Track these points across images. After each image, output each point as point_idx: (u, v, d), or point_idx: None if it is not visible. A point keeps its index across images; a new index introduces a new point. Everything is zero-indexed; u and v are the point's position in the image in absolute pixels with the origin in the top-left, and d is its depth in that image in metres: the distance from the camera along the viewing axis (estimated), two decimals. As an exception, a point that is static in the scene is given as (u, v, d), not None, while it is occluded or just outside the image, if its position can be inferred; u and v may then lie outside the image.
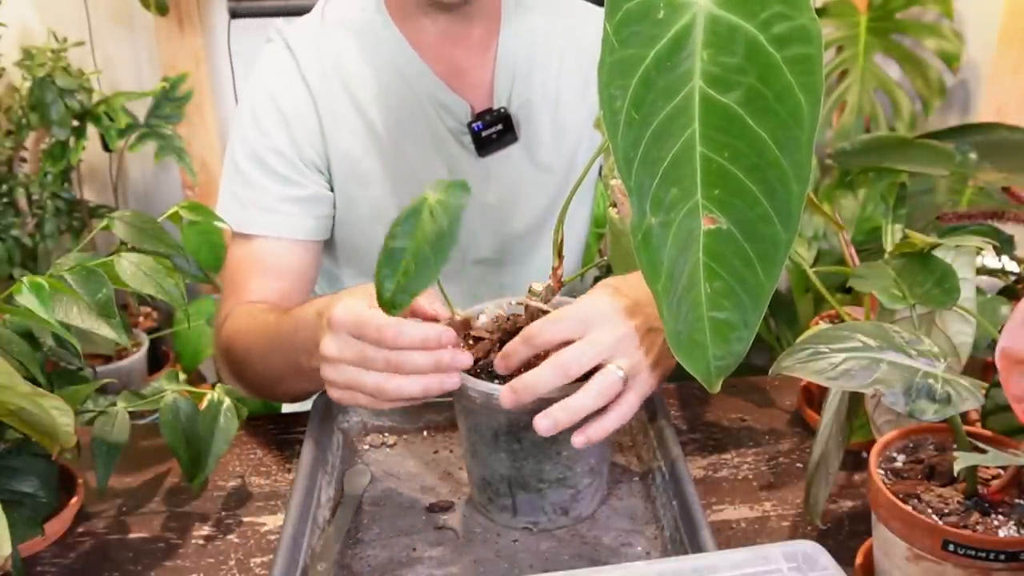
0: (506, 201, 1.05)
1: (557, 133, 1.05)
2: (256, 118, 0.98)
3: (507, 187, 1.04)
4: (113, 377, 1.88)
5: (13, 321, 0.73)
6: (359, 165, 1.00)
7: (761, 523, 0.78)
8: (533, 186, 1.06)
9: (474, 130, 1.00)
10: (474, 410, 0.73)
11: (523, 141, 1.04)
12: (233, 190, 0.99)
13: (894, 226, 0.87)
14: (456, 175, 1.01)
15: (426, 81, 0.99)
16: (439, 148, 1.01)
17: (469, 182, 1.02)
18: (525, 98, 1.03)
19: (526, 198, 1.06)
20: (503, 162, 1.03)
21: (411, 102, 1.00)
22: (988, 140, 0.99)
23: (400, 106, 0.99)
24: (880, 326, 0.64)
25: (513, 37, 1.03)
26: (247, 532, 0.78)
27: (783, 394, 0.97)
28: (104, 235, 1.59)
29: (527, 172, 1.05)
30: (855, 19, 2.13)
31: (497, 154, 1.03)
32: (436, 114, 1.00)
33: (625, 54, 0.50)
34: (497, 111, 1.01)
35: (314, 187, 0.98)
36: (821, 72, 0.48)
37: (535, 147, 1.05)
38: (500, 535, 0.76)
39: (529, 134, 1.04)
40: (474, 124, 1.00)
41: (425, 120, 1.00)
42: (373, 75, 0.99)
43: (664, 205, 0.51)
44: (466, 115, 1.00)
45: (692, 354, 0.54)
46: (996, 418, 0.69)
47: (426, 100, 1.00)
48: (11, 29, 1.96)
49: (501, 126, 1.01)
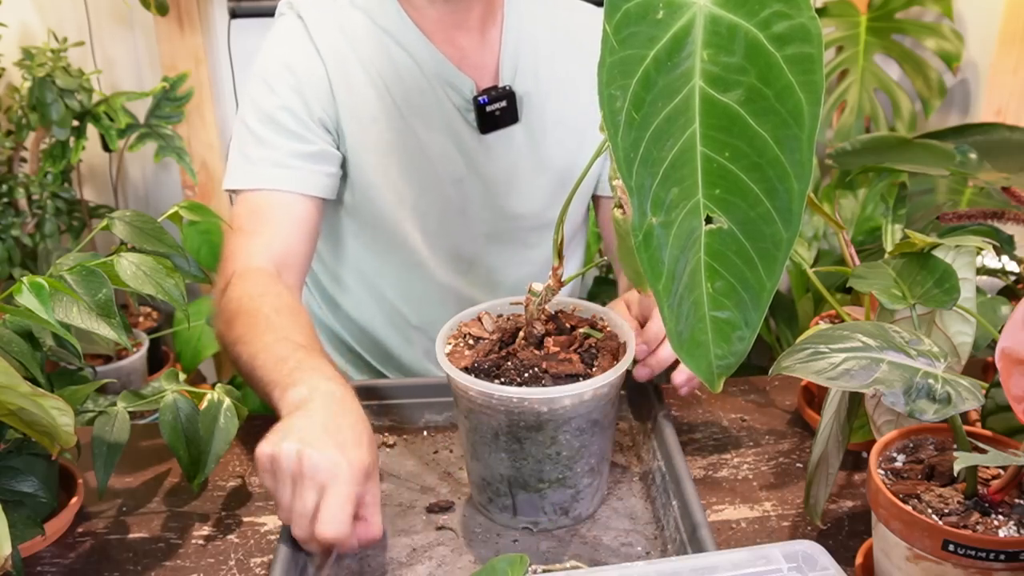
0: (505, 180, 1.08)
1: (557, 122, 1.08)
2: (268, 82, 1.00)
3: (507, 166, 1.07)
4: (113, 377, 1.88)
5: (13, 321, 0.73)
6: (368, 131, 1.02)
7: (761, 523, 0.78)
8: (533, 169, 1.08)
9: (479, 103, 1.02)
10: (474, 410, 0.73)
11: (524, 124, 1.06)
12: (244, 152, 1.00)
13: (894, 226, 0.87)
14: (460, 151, 1.04)
15: (433, 60, 1.02)
16: (444, 124, 1.04)
17: (471, 156, 1.03)
18: (529, 82, 1.06)
19: (525, 179, 1.08)
20: (504, 141, 1.06)
21: (418, 79, 1.02)
22: (988, 140, 0.99)
23: (408, 82, 1.02)
24: (880, 326, 0.64)
25: (518, 22, 1.06)
26: (247, 532, 0.78)
27: (783, 394, 0.97)
28: (104, 235, 1.59)
29: (527, 154, 1.07)
30: (855, 19, 2.13)
31: (498, 133, 1.05)
32: (443, 91, 1.03)
33: (625, 54, 0.50)
34: (502, 88, 1.04)
35: (323, 144, 1.00)
36: (821, 71, 0.48)
37: (537, 131, 1.07)
38: (500, 535, 0.76)
39: (531, 118, 1.06)
40: (479, 97, 1.02)
41: (433, 96, 1.03)
42: (383, 50, 1.02)
43: (665, 205, 0.51)
44: (471, 91, 1.03)
45: (694, 354, 0.54)
46: (996, 418, 0.69)
47: (433, 78, 1.02)
48: (11, 29, 1.96)
49: (505, 103, 1.04)
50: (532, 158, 1.07)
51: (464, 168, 1.05)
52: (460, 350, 0.77)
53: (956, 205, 1.74)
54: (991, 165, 0.95)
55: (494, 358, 0.74)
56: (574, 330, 0.79)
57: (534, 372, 0.73)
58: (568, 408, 0.71)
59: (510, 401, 0.70)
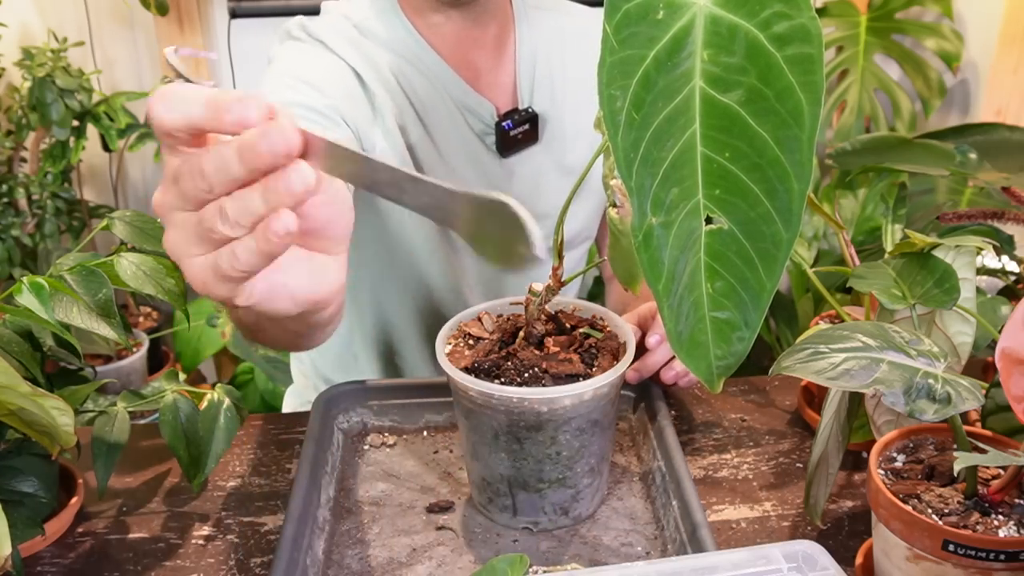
0: (529, 201, 1.05)
1: (576, 135, 1.06)
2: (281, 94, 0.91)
3: (530, 187, 1.05)
4: (113, 377, 1.88)
5: (13, 321, 0.73)
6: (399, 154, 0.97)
7: (761, 523, 0.78)
8: (556, 187, 1.06)
9: (504, 128, 1.01)
10: (474, 410, 0.73)
11: (544, 142, 1.05)
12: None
13: (894, 226, 0.87)
14: (481, 176, 1.02)
15: (450, 83, 1.00)
16: (465, 149, 1.02)
17: (493, 182, 1.02)
18: (546, 99, 1.04)
19: (548, 198, 1.06)
20: (525, 163, 1.04)
21: (438, 104, 1.00)
22: (988, 140, 0.99)
23: (429, 107, 1.00)
24: (880, 326, 0.64)
25: (529, 37, 1.04)
26: (247, 532, 0.78)
27: (783, 394, 0.97)
28: (104, 235, 1.59)
29: (549, 173, 1.06)
30: (855, 19, 2.13)
31: (519, 155, 1.04)
32: (461, 116, 1.01)
33: (625, 55, 0.50)
34: (524, 111, 1.02)
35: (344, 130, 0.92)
36: (822, 71, 0.48)
37: (557, 148, 1.06)
38: (500, 535, 0.76)
39: (550, 135, 1.05)
40: (503, 123, 1.01)
41: (451, 121, 1.01)
42: (402, 74, 0.99)
43: (665, 205, 0.51)
44: (491, 116, 1.01)
45: (694, 354, 0.54)
46: (996, 418, 0.69)
47: (451, 102, 1.00)
48: (11, 29, 1.96)
49: (528, 126, 1.02)
50: (555, 177, 1.06)
51: None
52: (460, 350, 0.77)
53: (956, 205, 1.75)
54: (991, 165, 0.95)
55: (494, 358, 0.74)
56: (574, 330, 0.79)
57: (534, 372, 0.73)
58: (568, 408, 0.71)
59: (510, 401, 0.70)
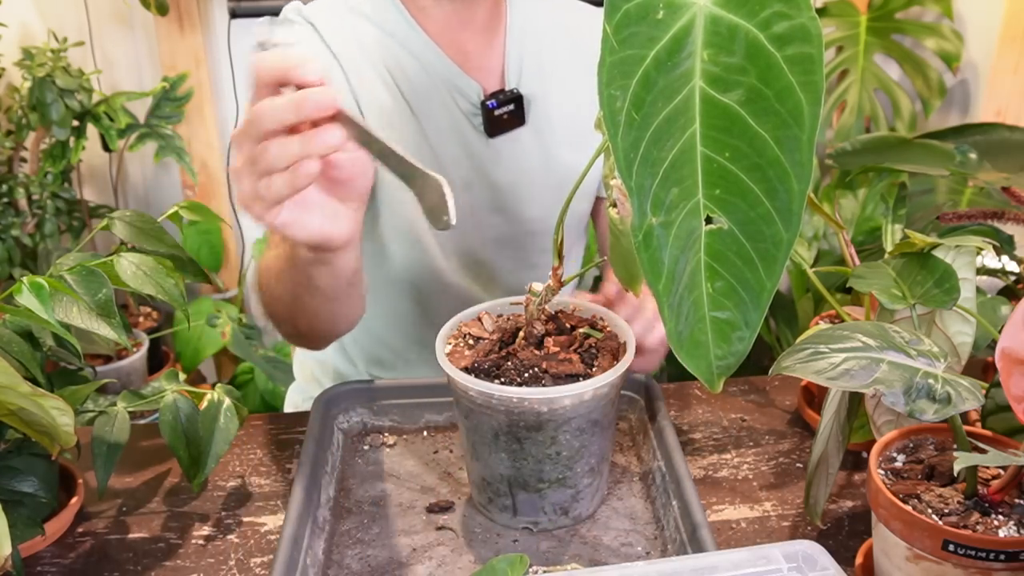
0: (516, 183, 1.07)
1: (565, 124, 1.07)
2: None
3: (517, 169, 1.06)
4: (113, 377, 1.88)
5: (13, 321, 0.73)
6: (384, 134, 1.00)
7: (761, 523, 0.78)
8: (544, 171, 1.07)
9: (488, 107, 1.02)
10: (474, 410, 0.73)
11: (532, 125, 1.06)
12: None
13: (894, 226, 0.87)
14: (468, 155, 1.04)
15: (440, 65, 1.02)
16: (452, 129, 1.03)
17: (479, 161, 1.02)
18: (534, 83, 1.06)
19: (537, 182, 1.08)
20: (513, 144, 1.05)
21: (427, 85, 1.02)
22: (988, 140, 0.99)
23: (417, 86, 1.02)
24: (880, 326, 0.64)
25: (520, 22, 1.06)
26: (247, 532, 0.78)
27: (783, 394, 0.97)
28: (104, 235, 1.59)
29: (537, 156, 1.07)
30: (855, 19, 2.13)
31: (506, 136, 1.05)
32: (451, 97, 1.02)
33: (625, 54, 0.50)
34: (509, 91, 1.04)
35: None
36: (822, 71, 0.48)
37: (545, 133, 1.07)
38: (500, 535, 0.76)
39: (538, 120, 1.06)
40: (488, 102, 1.02)
41: (440, 102, 1.02)
42: (392, 56, 1.01)
43: (665, 205, 0.51)
44: (478, 95, 1.03)
45: (694, 354, 0.54)
46: (996, 418, 0.69)
47: (440, 83, 1.02)
48: (11, 29, 1.96)
49: (513, 106, 1.03)
50: (541, 160, 1.07)
51: (473, 173, 1.04)
52: (460, 350, 0.77)
53: (956, 205, 1.75)
54: (991, 165, 0.95)
55: (494, 358, 0.74)
56: (574, 330, 0.79)
57: (534, 372, 0.73)
58: (568, 408, 0.71)
59: (510, 401, 0.70)
